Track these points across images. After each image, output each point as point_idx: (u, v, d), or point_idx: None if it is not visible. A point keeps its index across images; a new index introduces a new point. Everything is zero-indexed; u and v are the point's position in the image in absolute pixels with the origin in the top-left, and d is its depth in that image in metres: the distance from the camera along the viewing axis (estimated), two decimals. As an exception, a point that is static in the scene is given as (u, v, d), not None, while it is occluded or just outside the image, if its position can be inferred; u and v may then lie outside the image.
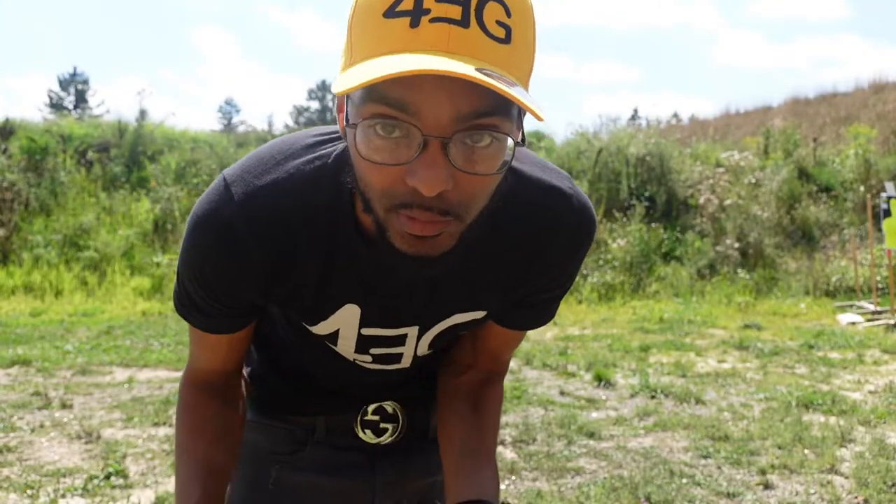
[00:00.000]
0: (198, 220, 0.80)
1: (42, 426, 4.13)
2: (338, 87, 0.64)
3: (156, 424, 4.19)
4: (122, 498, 3.15)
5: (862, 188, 11.71)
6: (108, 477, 3.37)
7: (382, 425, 1.02)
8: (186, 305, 0.88)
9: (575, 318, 8.50)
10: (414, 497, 1.05)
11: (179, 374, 5.19)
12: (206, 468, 0.89)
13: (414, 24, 0.62)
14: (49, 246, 10.10)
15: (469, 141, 0.65)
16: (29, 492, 3.20)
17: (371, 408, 1.01)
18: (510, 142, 0.67)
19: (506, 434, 4.09)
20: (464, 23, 0.62)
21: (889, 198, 8.08)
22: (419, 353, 0.94)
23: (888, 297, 8.63)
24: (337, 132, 0.84)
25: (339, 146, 0.81)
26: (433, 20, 0.61)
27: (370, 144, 0.65)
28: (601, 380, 5.26)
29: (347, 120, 0.68)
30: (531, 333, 7.36)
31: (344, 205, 0.79)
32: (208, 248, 0.79)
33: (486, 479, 0.90)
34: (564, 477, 3.47)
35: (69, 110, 32.52)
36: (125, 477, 3.38)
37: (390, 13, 0.63)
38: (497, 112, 0.64)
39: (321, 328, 0.89)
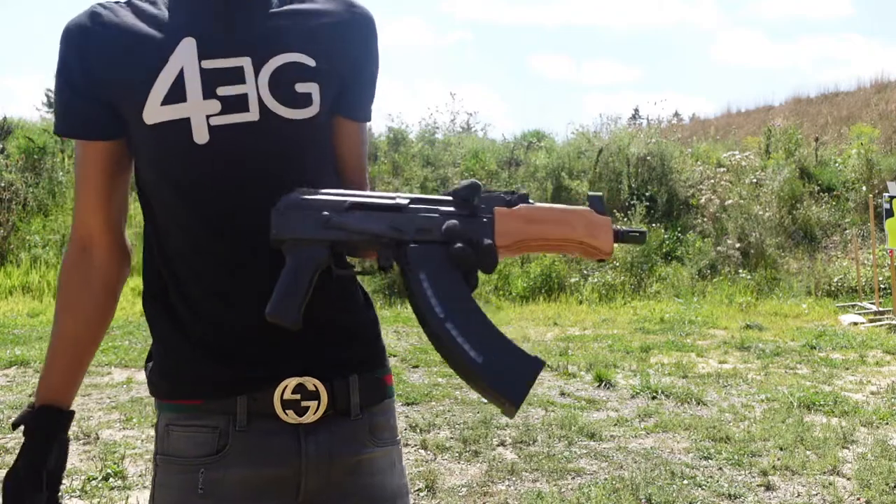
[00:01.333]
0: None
1: (40, 427, 4.11)
2: None
3: (154, 425, 4.16)
4: (121, 499, 3.14)
5: (864, 188, 11.69)
6: (106, 478, 3.35)
7: (304, 404, 1.01)
8: (57, 115, 1.04)
9: (575, 318, 8.48)
10: (342, 476, 1.04)
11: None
12: (64, 339, 1.07)
13: None
14: (47, 246, 10.08)
15: None
16: (26, 493, 3.18)
17: (291, 385, 1.00)
18: None
19: (506, 435, 4.07)
20: None
21: (891, 197, 8.07)
22: (264, 98, 1.00)
23: (890, 298, 8.60)
24: None
25: None
26: None
27: None
28: (602, 380, 5.24)
29: None
30: (531, 334, 7.35)
31: None
32: (66, 31, 1.02)
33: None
34: (565, 478, 3.45)
35: (69, 110, 32.51)
36: (124, 478, 3.37)
37: None
38: None
39: (166, 77, 0.98)
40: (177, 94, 0.97)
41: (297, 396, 1.01)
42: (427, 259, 0.94)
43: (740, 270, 10.40)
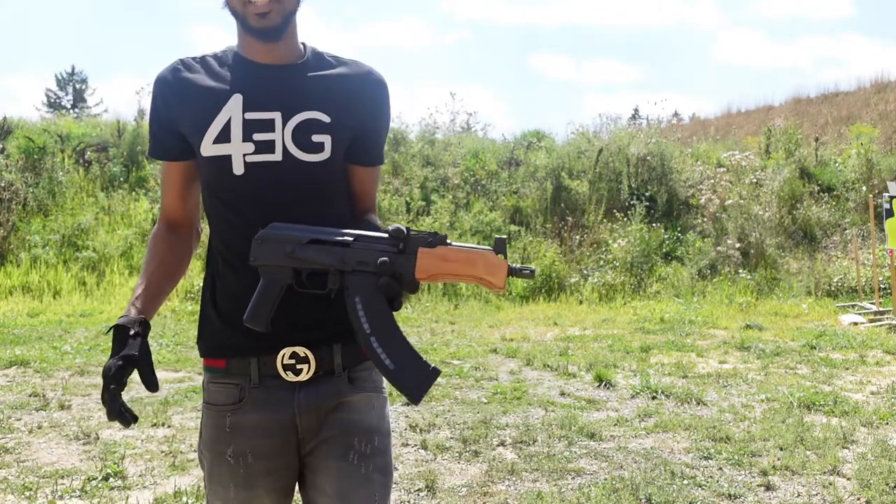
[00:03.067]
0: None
1: (40, 427, 4.11)
2: None
3: (154, 425, 4.17)
4: (121, 499, 3.13)
5: (864, 188, 11.69)
6: (106, 478, 3.35)
7: (298, 367, 1.36)
8: (150, 142, 1.44)
9: (575, 318, 8.48)
10: (326, 415, 1.39)
11: (178, 375, 5.19)
12: (151, 279, 1.41)
13: None
14: (47, 246, 10.07)
15: None
16: (27, 493, 3.18)
17: (288, 353, 1.36)
18: None
19: (506, 435, 4.07)
20: None
21: (891, 197, 8.06)
22: (287, 145, 1.35)
23: (890, 298, 8.60)
24: None
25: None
26: None
27: None
28: (602, 380, 5.24)
29: None
30: (531, 333, 7.34)
31: (229, 50, 1.41)
32: (154, 84, 1.42)
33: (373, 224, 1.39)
34: (565, 478, 3.45)
35: (67, 109, 32.48)
36: (124, 478, 3.37)
37: None
38: None
39: (218, 123, 1.34)
40: (224, 136, 1.34)
41: (293, 361, 1.37)
42: (362, 286, 1.26)
43: (740, 270, 10.39)
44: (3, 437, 3.91)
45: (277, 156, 1.34)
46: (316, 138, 1.35)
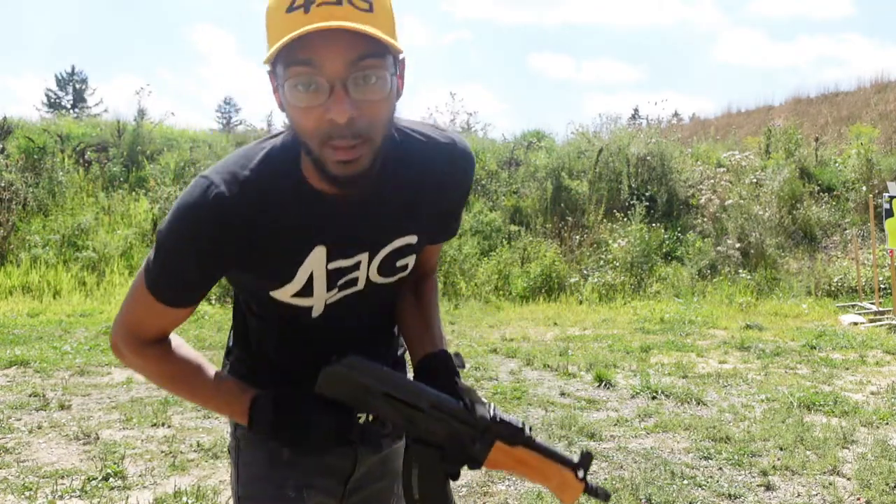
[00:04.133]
0: (187, 201, 1.05)
1: (40, 427, 4.11)
2: (264, 60, 0.97)
3: (154, 425, 4.16)
4: (121, 499, 3.13)
5: (864, 188, 11.69)
6: (106, 478, 3.35)
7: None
8: (160, 283, 1.10)
9: (575, 318, 8.48)
10: (376, 465, 1.33)
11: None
12: (199, 373, 1.18)
13: (306, 10, 0.93)
14: (47, 246, 10.07)
15: (361, 81, 0.95)
16: (27, 493, 3.18)
17: None
18: (389, 77, 0.98)
19: (506, 435, 4.06)
20: (339, 2, 0.94)
21: (891, 198, 8.06)
22: (371, 276, 1.19)
23: (890, 298, 8.60)
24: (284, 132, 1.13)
25: (285, 133, 1.11)
26: (319, 5, 0.93)
27: (296, 97, 0.96)
28: (602, 380, 5.24)
29: (279, 87, 0.99)
30: (531, 333, 7.35)
31: (296, 171, 1.08)
32: (199, 219, 1.04)
33: (435, 337, 1.24)
34: (565, 478, 3.44)
35: (67, 109, 32.49)
36: (124, 478, 3.36)
37: (290, 9, 0.94)
38: (375, 55, 0.95)
39: (299, 279, 1.13)
40: (306, 291, 1.15)
41: None
42: (424, 456, 1.15)
43: (740, 270, 10.39)
44: (3, 437, 3.91)
45: (359, 287, 1.20)
46: (401, 262, 1.20)
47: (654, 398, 4.85)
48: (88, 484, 3.28)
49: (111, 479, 3.34)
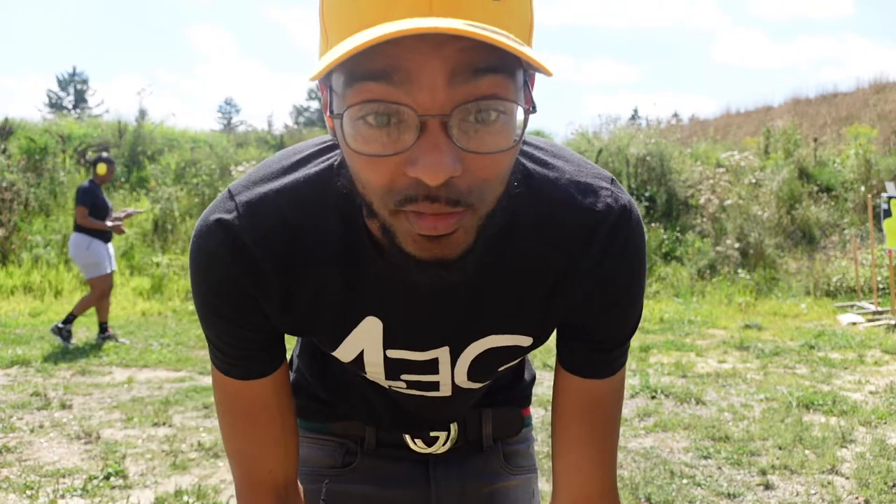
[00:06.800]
0: (201, 231, 0.73)
1: (41, 426, 4.12)
2: (313, 73, 0.55)
3: (155, 425, 4.18)
4: (122, 498, 3.15)
5: (863, 188, 11.71)
6: (107, 477, 3.36)
7: (433, 434, 0.97)
8: (219, 357, 0.80)
9: (575, 318, 8.48)
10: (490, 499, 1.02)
11: (179, 375, 5.19)
12: None
13: None
14: (48, 246, 10.09)
15: (472, 117, 0.55)
16: (28, 492, 3.19)
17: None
18: (519, 111, 0.57)
19: (506, 434, 4.08)
20: None
21: (890, 198, 8.07)
22: (458, 382, 0.83)
23: (889, 298, 8.62)
24: None
25: None
26: None
27: (360, 135, 0.56)
28: (601, 380, 5.24)
29: (332, 112, 0.59)
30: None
31: (354, 208, 0.70)
32: (215, 259, 0.72)
33: None
34: (565, 477, 3.46)
35: (68, 110, 32.53)
36: (125, 477, 3.38)
37: None
38: (498, 70, 0.55)
39: (344, 351, 0.80)
40: (361, 367, 0.84)
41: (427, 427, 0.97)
42: None
43: (739, 270, 10.41)
44: (4, 437, 3.93)
45: (444, 392, 0.86)
46: (503, 367, 0.85)
47: (653, 398, 4.86)
48: (90, 483, 3.29)
49: (112, 479, 3.35)
